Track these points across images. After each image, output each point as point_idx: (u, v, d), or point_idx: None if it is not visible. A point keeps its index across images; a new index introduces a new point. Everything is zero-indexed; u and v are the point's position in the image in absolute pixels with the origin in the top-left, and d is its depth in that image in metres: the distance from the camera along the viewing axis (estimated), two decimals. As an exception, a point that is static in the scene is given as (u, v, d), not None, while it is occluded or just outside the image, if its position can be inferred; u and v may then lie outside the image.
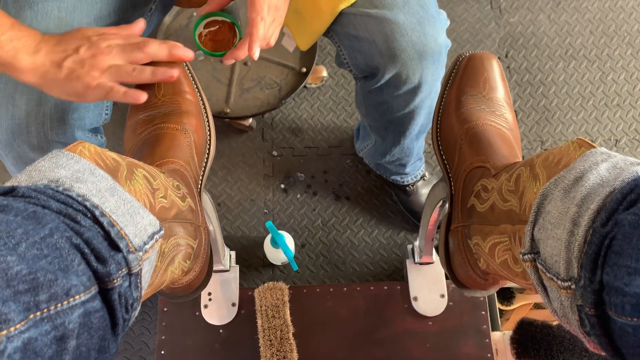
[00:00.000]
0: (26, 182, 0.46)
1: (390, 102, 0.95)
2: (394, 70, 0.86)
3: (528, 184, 0.56)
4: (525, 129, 1.48)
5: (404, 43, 0.83)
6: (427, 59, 0.85)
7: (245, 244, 1.36)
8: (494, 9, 1.60)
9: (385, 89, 0.92)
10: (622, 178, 0.45)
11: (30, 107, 0.75)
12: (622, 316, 0.38)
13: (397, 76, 0.87)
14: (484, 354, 1.05)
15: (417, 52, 0.84)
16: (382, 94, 0.94)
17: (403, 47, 0.84)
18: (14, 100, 0.75)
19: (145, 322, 1.30)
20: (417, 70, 0.86)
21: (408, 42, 0.83)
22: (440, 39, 0.86)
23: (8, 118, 0.76)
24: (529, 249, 0.50)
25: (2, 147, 0.79)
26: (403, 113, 0.97)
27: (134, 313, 0.47)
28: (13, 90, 0.75)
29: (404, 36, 0.83)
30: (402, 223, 1.38)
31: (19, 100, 0.75)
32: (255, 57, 0.77)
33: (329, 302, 1.09)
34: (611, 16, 1.59)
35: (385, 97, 0.94)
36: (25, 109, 0.75)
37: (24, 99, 0.75)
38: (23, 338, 0.35)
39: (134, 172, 0.56)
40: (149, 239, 0.49)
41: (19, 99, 0.75)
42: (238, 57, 0.78)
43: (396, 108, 0.96)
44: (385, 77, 0.88)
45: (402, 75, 0.87)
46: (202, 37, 0.84)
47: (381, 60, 0.86)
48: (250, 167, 1.43)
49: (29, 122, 0.76)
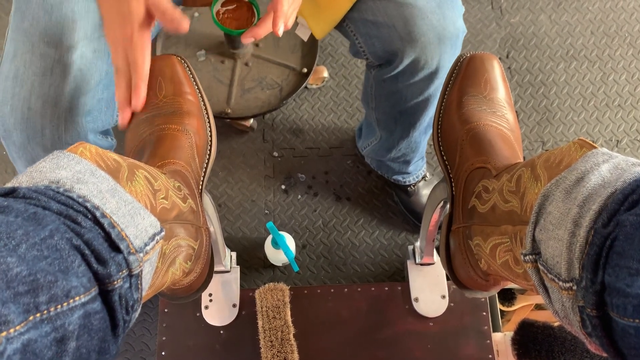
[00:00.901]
0: (27, 183, 0.46)
1: (404, 91, 0.95)
2: (413, 55, 0.86)
3: (529, 185, 0.56)
4: (527, 130, 1.48)
5: (424, 26, 0.84)
6: (445, 42, 0.86)
7: (246, 245, 1.36)
8: (494, 9, 1.60)
9: (401, 77, 0.92)
10: (623, 179, 0.44)
11: (45, 109, 0.75)
12: (624, 317, 0.38)
13: (416, 61, 0.88)
14: (485, 355, 1.05)
15: (436, 35, 0.85)
16: (397, 82, 0.94)
17: (423, 31, 0.84)
18: (29, 103, 0.75)
19: (146, 323, 1.30)
20: (436, 55, 0.87)
21: (428, 25, 0.84)
22: (459, 22, 0.87)
23: (23, 121, 0.75)
24: (530, 250, 0.50)
25: (16, 150, 0.79)
26: (416, 102, 0.97)
27: (135, 314, 0.47)
28: (28, 93, 0.75)
29: (424, 19, 0.83)
30: (403, 224, 1.38)
31: (34, 103, 0.75)
32: (280, 33, 0.74)
33: (330, 303, 1.09)
34: (612, 17, 1.58)
35: (400, 85, 0.94)
36: (41, 112, 0.75)
37: (39, 102, 0.75)
38: (23, 339, 0.34)
39: (135, 173, 0.56)
40: (149, 240, 0.49)
41: (35, 101, 0.75)
42: (258, 35, 0.76)
43: (410, 97, 0.96)
44: (404, 63, 0.88)
45: (420, 60, 0.87)
46: (219, 15, 0.82)
47: (400, 45, 0.86)
48: (251, 168, 1.43)
49: (44, 125, 0.75)
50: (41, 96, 0.75)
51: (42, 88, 0.74)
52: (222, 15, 0.82)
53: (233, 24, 0.82)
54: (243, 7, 0.82)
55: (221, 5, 0.82)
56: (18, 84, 0.75)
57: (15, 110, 0.75)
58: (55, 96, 0.75)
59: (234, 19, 0.82)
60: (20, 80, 0.75)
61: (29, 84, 0.74)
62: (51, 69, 0.74)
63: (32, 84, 0.74)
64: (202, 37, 1.45)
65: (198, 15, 1.47)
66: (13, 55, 0.76)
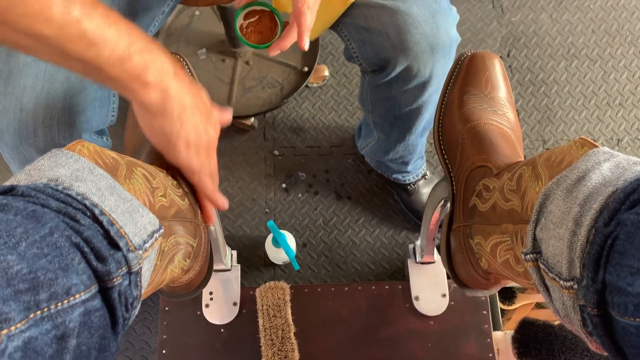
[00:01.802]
0: (25, 181, 0.46)
1: (398, 97, 0.95)
2: (405, 63, 0.86)
3: (530, 184, 0.55)
4: (527, 129, 1.48)
5: (417, 35, 0.83)
6: (438, 52, 0.85)
7: (246, 244, 1.36)
8: (495, 8, 1.59)
9: (394, 83, 0.92)
10: (624, 178, 0.44)
11: (38, 110, 0.75)
12: (625, 316, 0.38)
13: (408, 69, 0.87)
14: (485, 354, 1.05)
15: (429, 44, 0.84)
16: (391, 89, 0.93)
17: (416, 40, 0.83)
18: (21, 103, 0.74)
19: (146, 321, 1.30)
20: (429, 64, 0.86)
21: (421, 34, 0.83)
22: (452, 32, 0.86)
23: (15, 122, 0.75)
24: (531, 249, 0.50)
25: (9, 151, 0.78)
26: (410, 108, 0.97)
27: (134, 312, 0.47)
28: (21, 93, 0.74)
29: (417, 28, 0.83)
30: (403, 222, 1.38)
31: (26, 104, 0.74)
32: (306, 47, 0.75)
33: (331, 302, 1.09)
34: (613, 15, 1.58)
35: (394, 91, 0.94)
36: (33, 113, 0.75)
37: (31, 103, 0.74)
38: (23, 337, 0.34)
39: (133, 171, 0.56)
40: (148, 237, 0.49)
41: (27, 102, 0.74)
42: (284, 47, 0.76)
43: (404, 103, 0.96)
44: (396, 71, 0.88)
45: (413, 68, 0.87)
46: (243, 29, 0.82)
47: (393, 53, 0.85)
48: (251, 166, 1.43)
49: (37, 126, 0.75)
50: (34, 97, 0.74)
51: (34, 89, 0.73)
52: (246, 30, 0.82)
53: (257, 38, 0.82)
54: (265, 17, 0.82)
55: (243, 19, 0.82)
56: (11, 84, 0.74)
57: (7, 111, 0.74)
58: (48, 97, 0.74)
59: (257, 32, 0.82)
60: (13, 80, 0.74)
61: (22, 84, 0.73)
62: (44, 70, 0.73)
63: (24, 84, 0.73)
64: (202, 35, 1.45)
65: (199, 14, 1.47)
66: (7, 56, 0.75)
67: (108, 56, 0.51)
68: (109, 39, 0.51)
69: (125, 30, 0.53)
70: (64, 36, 0.49)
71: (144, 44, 0.54)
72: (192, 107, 0.60)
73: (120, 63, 0.52)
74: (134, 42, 0.53)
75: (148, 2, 0.85)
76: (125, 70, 0.53)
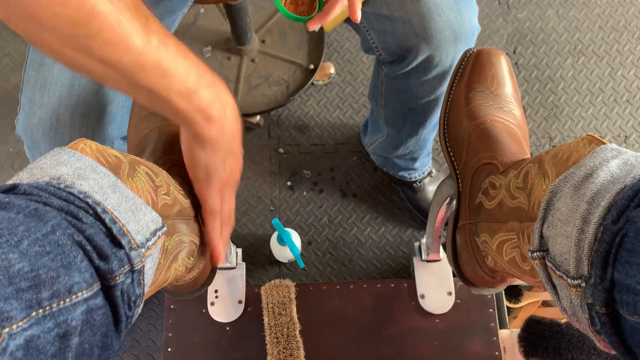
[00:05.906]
0: (27, 179, 0.46)
1: (415, 89, 0.94)
2: (428, 52, 0.85)
3: (537, 181, 0.55)
4: (534, 125, 1.47)
5: (440, 23, 0.82)
6: (461, 40, 0.85)
7: (251, 242, 1.36)
8: (501, 4, 1.58)
9: (413, 74, 0.91)
10: (633, 175, 0.44)
11: (74, 120, 0.75)
12: (634, 315, 0.38)
13: (429, 59, 0.86)
14: (491, 352, 1.04)
15: (452, 32, 0.83)
16: (409, 80, 0.93)
17: (440, 27, 0.83)
18: (57, 114, 0.74)
19: (152, 319, 1.30)
20: (450, 53, 0.86)
21: (445, 22, 0.82)
22: (474, 21, 0.86)
23: (52, 132, 0.75)
24: (538, 247, 0.49)
25: None
26: (427, 100, 0.96)
27: (137, 310, 0.47)
28: (57, 103, 0.74)
29: (441, 16, 0.82)
30: (409, 220, 1.37)
31: (63, 115, 0.74)
32: (359, 19, 0.73)
33: (336, 300, 1.09)
34: (620, 11, 1.57)
35: (412, 83, 0.93)
36: (70, 123, 0.75)
37: (68, 113, 0.74)
38: (25, 335, 0.34)
39: (136, 169, 0.56)
40: (151, 235, 0.49)
41: (64, 113, 0.74)
42: (326, 21, 0.75)
43: (421, 94, 0.95)
44: (417, 60, 0.87)
45: (434, 57, 0.86)
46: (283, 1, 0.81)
47: (415, 42, 0.85)
48: (256, 164, 1.43)
49: (73, 136, 0.75)
50: (70, 107, 0.74)
51: (70, 98, 0.73)
52: (285, 3, 0.80)
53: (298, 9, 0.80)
54: None
55: None
56: (46, 94, 0.74)
57: (44, 122, 0.74)
58: (83, 106, 0.74)
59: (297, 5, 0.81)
60: (48, 90, 0.74)
61: (57, 94, 0.73)
62: (78, 79, 0.73)
63: (61, 94, 0.73)
64: (208, 33, 1.45)
65: (204, 11, 1.47)
66: (39, 65, 0.75)
67: (179, 87, 0.52)
68: (181, 70, 0.51)
69: (195, 62, 0.53)
70: (141, 65, 0.49)
71: (210, 77, 0.55)
72: (235, 151, 0.61)
73: (188, 95, 0.53)
74: (203, 76, 0.54)
75: (172, 6, 0.85)
76: (192, 102, 0.53)
